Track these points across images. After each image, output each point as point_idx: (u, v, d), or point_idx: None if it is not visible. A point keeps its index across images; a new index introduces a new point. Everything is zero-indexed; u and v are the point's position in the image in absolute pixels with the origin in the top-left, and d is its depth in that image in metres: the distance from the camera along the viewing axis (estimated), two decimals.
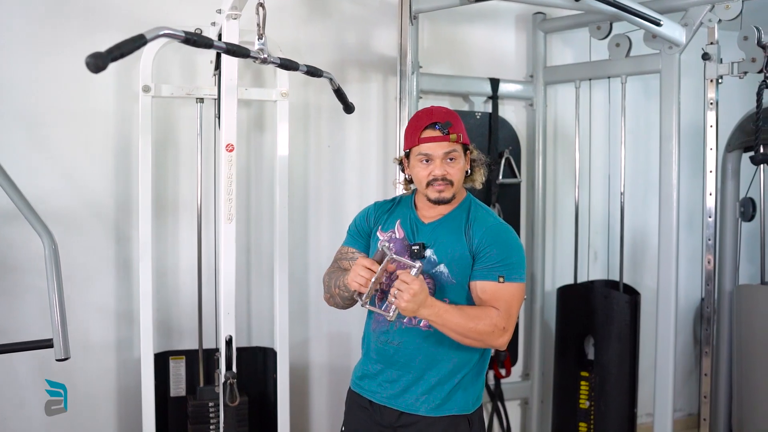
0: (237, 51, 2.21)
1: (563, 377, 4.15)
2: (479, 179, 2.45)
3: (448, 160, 2.31)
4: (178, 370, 3.54)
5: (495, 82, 4.11)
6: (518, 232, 4.19)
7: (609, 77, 4.06)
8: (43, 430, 3.44)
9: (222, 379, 2.96)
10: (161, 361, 3.49)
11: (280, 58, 2.48)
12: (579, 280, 4.19)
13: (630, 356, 3.89)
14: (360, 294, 2.24)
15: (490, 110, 4.12)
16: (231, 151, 2.91)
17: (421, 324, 2.31)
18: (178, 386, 3.54)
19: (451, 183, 2.31)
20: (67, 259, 3.26)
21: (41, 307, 2.85)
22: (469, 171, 2.42)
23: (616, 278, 4.14)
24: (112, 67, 3.39)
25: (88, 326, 3.52)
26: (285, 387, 3.42)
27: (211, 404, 3.40)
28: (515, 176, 4.13)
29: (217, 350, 3.37)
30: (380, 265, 2.21)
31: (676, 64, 3.62)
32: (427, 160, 2.32)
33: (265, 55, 2.37)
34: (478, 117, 4.08)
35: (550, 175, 4.34)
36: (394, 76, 3.92)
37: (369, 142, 3.97)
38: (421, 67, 3.88)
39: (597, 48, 4.14)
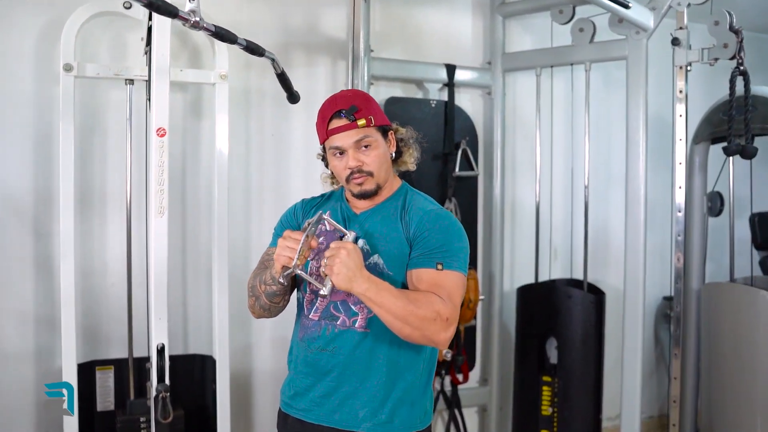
0: (162, 7, 1.88)
1: (524, 382, 3.94)
2: (410, 160, 2.19)
3: (363, 148, 2.04)
4: (105, 381, 3.21)
5: (451, 69, 3.86)
6: (475, 228, 3.98)
7: (572, 64, 3.84)
8: None
9: (153, 393, 2.66)
10: (87, 371, 3.17)
11: (215, 26, 2.16)
12: (540, 279, 3.97)
13: (595, 359, 3.70)
14: (287, 269, 1.93)
15: (445, 98, 3.88)
16: (162, 136, 2.61)
17: (356, 325, 2.03)
18: (105, 399, 3.22)
19: (371, 174, 2.05)
20: None
21: None
22: (393, 154, 2.14)
23: (578, 276, 3.96)
24: (30, 43, 3.17)
25: (2, 333, 3.19)
26: (225, 398, 3.10)
27: (142, 419, 3.09)
28: (472, 169, 3.90)
29: (149, 359, 3.08)
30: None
31: (643, 50, 3.45)
32: (340, 153, 2.07)
33: (197, 18, 2.05)
34: (432, 105, 3.84)
35: (509, 167, 4.12)
36: (343, 60, 3.70)
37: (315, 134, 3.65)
38: (372, 50, 3.61)
39: (558, 34, 3.92)
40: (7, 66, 3.12)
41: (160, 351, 2.66)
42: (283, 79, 2.63)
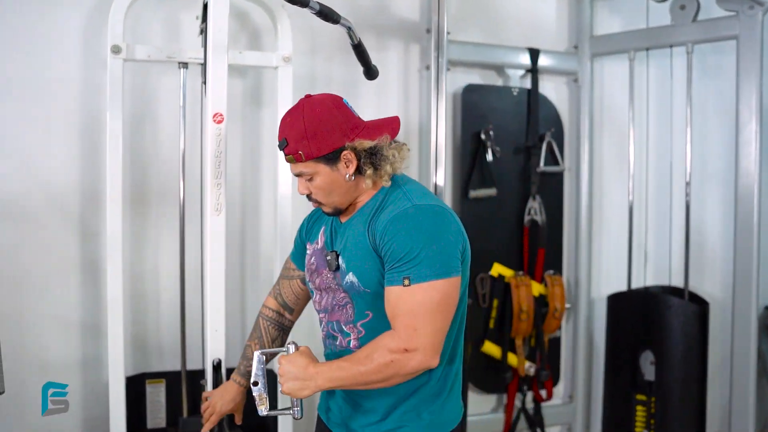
0: None
1: (615, 400, 3.55)
2: (381, 177, 1.90)
3: (308, 180, 1.92)
4: (156, 396, 2.94)
5: (534, 53, 3.50)
6: (560, 229, 3.60)
7: (671, 46, 3.44)
8: None
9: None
10: (136, 385, 2.91)
11: None
12: (632, 287, 3.57)
13: (698, 377, 3.30)
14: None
15: (528, 86, 3.52)
16: (220, 122, 2.31)
17: (351, 345, 1.93)
18: (156, 416, 2.94)
19: (320, 202, 1.95)
20: (18, 261, 2.80)
21: None
22: (351, 176, 1.89)
23: (675, 283, 3.57)
24: (76, 25, 2.90)
25: (45, 342, 2.92)
26: (288, 417, 2.78)
27: None
28: (557, 164, 3.53)
29: (204, 373, 2.78)
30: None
31: (758, 28, 3.09)
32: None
33: None
34: (514, 93, 3.48)
35: (597, 162, 3.73)
36: (416, 44, 3.36)
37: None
38: (448, 33, 3.26)
39: (653, 13, 3.53)
40: (50, 50, 2.84)
41: (216, 367, 2.37)
42: (360, 51, 2.30)
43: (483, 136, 3.36)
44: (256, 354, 1.92)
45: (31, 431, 2.89)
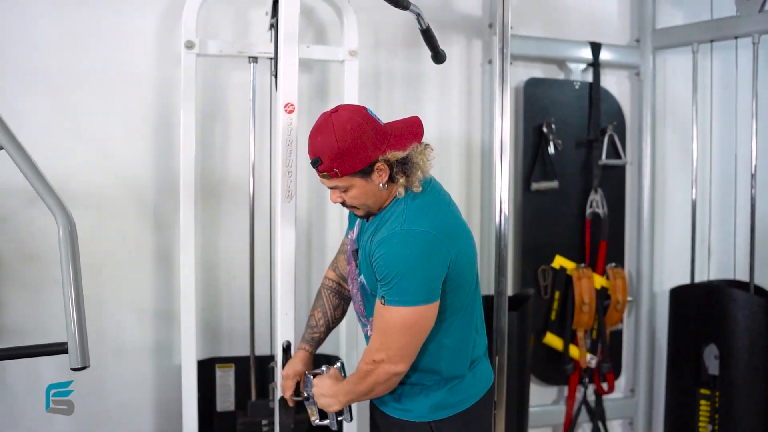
0: None
1: (677, 395, 3.50)
2: (414, 181, 1.97)
3: (342, 192, 2.00)
4: (226, 380, 3.03)
5: (596, 47, 3.51)
6: (622, 222, 3.59)
7: (736, 37, 3.40)
8: None
9: (278, 393, 2.43)
10: (206, 369, 3.00)
11: None
12: (696, 280, 3.54)
13: (764, 370, 3.25)
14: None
15: (589, 79, 3.52)
16: (291, 112, 2.37)
17: (369, 333, 2.13)
18: (225, 399, 3.04)
19: (355, 207, 2.04)
20: (97, 249, 2.90)
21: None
22: (384, 185, 1.97)
23: (738, 278, 3.51)
24: (151, 22, 3.01)
25: (122, 327, 3.06)
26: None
27: (264, 422, 2.90)
28: (619, 157, 3.53)
29: (272, 358, 2.87)
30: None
31: None
32: None
33: None
34: (576, 87, 3.49)
35: (659, 156, 3.71)
36: (479, 39, 3.40)
37: (450, 116, 3.42)
38: (511, 28, 3.28)
39: (717, 6, 3.50)
40: (127, 47, 2.97)
41: (286, 349, 2.42)
42: (428, 36, 2.34)
43: (545, 130, 3.38)
44: (306, 374, 2.24)
45: (108, 412, 3.02)
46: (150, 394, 3.08)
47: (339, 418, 2.21)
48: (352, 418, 2.22)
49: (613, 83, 3.63)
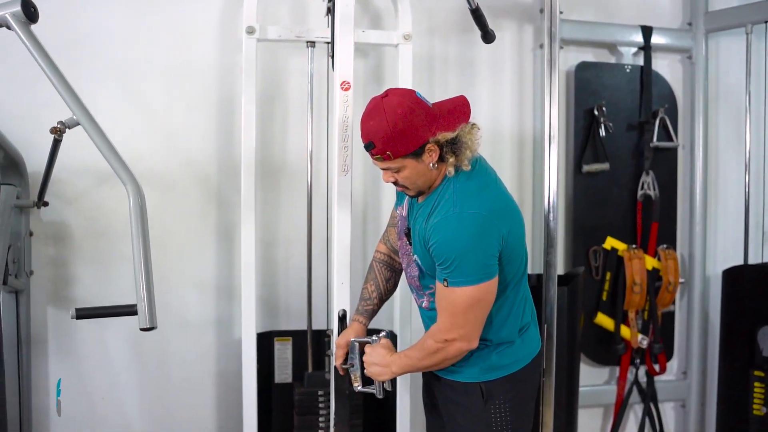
0: None
1: (731, 377, 3.49)
2: (464, 160, 2.06)
3: (395, 172, 2.08)
4: (283, 353, 3.14)
5: (647, 31, 3.53)
6: (674, 204, 3.60)
7: None
8: (136, 414, 3.17)
9: (333, 362, 2.52)
10: (265, 342, 3.11)
11: None
12: (750, 262, 3.54)
13: None
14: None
15: (641, 63, 3.54)
16: (347, 89, 2.48)
17: (424, 306, 2.27)
18: (283, 371, 3.14)
19: (407, 187, 2.12)
20: (162, 226, 3.02)
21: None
22: (434, 164, 2.05)
23: None
24: (214, 13, 3.15)
25: (185, 302, 3.19)
26: (406, 382, 2.94)
27: (320, 392, 3.00)
28: (671, 139, 3.54)
29: (328, 331, 2.98)
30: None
31: None
32: None
33: None
34: (627, 71, 3.52)
35: (712, 139, 3.71)
36: (530, 24, 3.47)
37: (502, 101, 3.47)
38: (561, 12, 3.33)
39: None
40: (191, 36, 3.12)
41: (342, 318, 2.52)
42: (478, 15, 2.44)
43: (596, 113, 3.42)
44: (352, 341, 2.32)
45: (171, 383, 3.16)
46: (211, 366, 3.21)
47: (373, 388, 2.30)
48: (393, 388, 2.34)
49: (665, 66, 3.64)
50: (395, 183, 2.12)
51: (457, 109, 2.07)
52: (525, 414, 2.23)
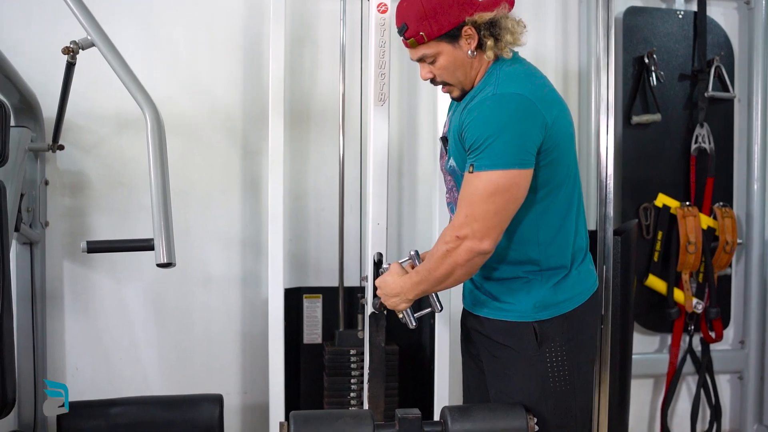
0: None
1: None
2: (504, 46, 1.86)
3: (429, 63, 1.90)
4: (313, 311, 2.94)
5: None
6: (731, 159, 3.37)
7: None
8: (156, 374, 3.00)
9: (369, 309, 2.34)
10: (293, 299, 2.91)
11: None
12: None
13: None
14: None
15: (694, 9, 3.31)
16: (384, 12, 2.30)
17: None
18: (312, 331, 2.95)
19: (445, 83, 1.94)
20: (185, 177, 2.89)
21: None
22: (473, 52, 1.86)
23: None
24: None
25: (208, 257, 3.02)
26: (445, 337, 2.72)
27: (352, 352, 2.80)
28: (727, 90, 3.30)
29: (361, 289, 2.79)
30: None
31: None
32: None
33: None
34: (680, 16, 3.29)
35: None
36: None
37: (545, 45, 3.25)
38: None
39: None
40: None
41: (378, 263, 2.32)
42: None
43: (647, 60, 3.19)
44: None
45: (193, 343, 3.00)
46: (236, 326, 3.03)
47: (425, 311, 2.09)
48: (442, 308, 2.07)
49: (720, 13, 3.40)
50: (433, 80, 1.93)
51: None
52: (584, 361, 1.97)
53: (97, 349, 2.93)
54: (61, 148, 2.72)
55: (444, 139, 1.98)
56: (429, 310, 2.07)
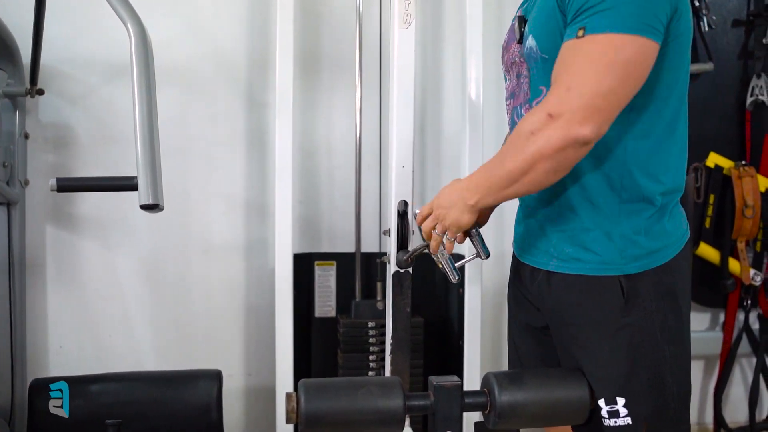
0: None
1: None
2: None
3: None
4: (326, 280, 2.63)
5: None
6: None
7: None
8: (151, 353, 2.72)
9: (391, 268, 2.02)
10: (304, 266, 2.62)
11: None
12: None
13: None
14: None
15: None
16: None
17: None
18: (325, 303, 2.64)
19: None
20: (183, 130, 2.63)
21: None
22: None
23: None
24: None
25: (209, 221, 2.73)
26: (476, 306, 2.39)
27: (371, 324, 2.48)
28: None
29: (380, 255, 2.49)
30: None
31: None
32: None
33: None
34: None
35: None
36: None
37: None
38: None
39: None
40: None
41: (402, 214, 2.00)
42: None
43: (696, 3, 2.87)
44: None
45: (193, 317, 2.72)
46: (240, 298, 2.74)
47: (469, 258, 1.67)
48: (488, 254, 1.58)
49: None
50: None
51: None
52: (681, 327, 1.45)
53: (84, 325, 2.65)
54: (41, 92, 2.43)
55: (521, 19, 1.52)
56: (474, 255, 1.62)
